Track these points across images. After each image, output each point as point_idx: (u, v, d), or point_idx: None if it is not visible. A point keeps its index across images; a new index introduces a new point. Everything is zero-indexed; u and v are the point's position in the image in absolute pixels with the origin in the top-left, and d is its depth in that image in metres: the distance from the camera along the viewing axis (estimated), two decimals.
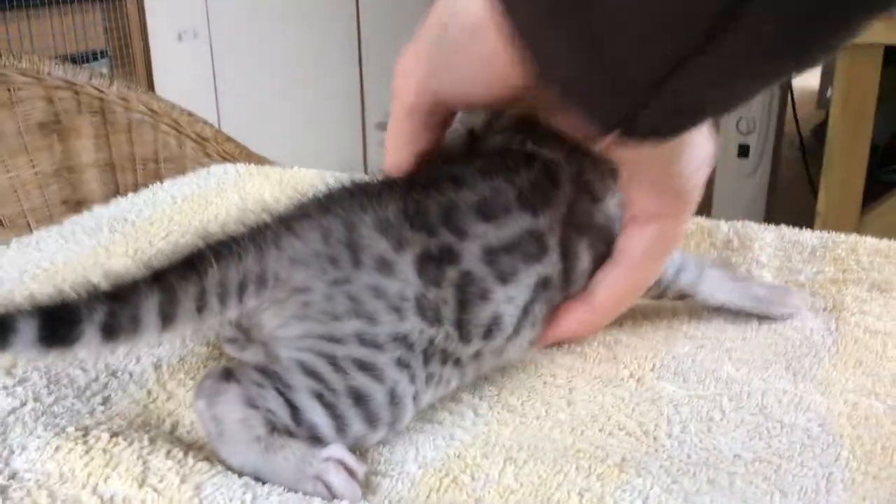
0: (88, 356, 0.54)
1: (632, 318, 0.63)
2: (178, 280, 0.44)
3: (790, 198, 2.48)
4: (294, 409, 0.45)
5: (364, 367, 0.46)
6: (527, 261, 0.51)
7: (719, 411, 0.55)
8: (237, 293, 0.46)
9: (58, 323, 0.43)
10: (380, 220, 0.47)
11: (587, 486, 0.46)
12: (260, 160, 1.22)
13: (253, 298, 0.46)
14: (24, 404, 0.50)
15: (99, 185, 1.36)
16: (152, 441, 0.46)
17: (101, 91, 1.31)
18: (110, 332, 0.43)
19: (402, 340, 0.47)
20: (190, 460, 0.44)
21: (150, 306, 0.44)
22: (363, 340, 0.46)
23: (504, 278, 0.50)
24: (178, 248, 0.46)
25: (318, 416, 0.46)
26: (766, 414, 0.55)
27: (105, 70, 1.72)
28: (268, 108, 2.04)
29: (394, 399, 0.47)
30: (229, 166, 0.91)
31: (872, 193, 1.80)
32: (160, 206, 0.80)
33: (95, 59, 1.71)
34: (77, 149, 1.33)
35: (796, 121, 2.52)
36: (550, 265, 0.52)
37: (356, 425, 0.46)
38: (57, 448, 0.45)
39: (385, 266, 0.47)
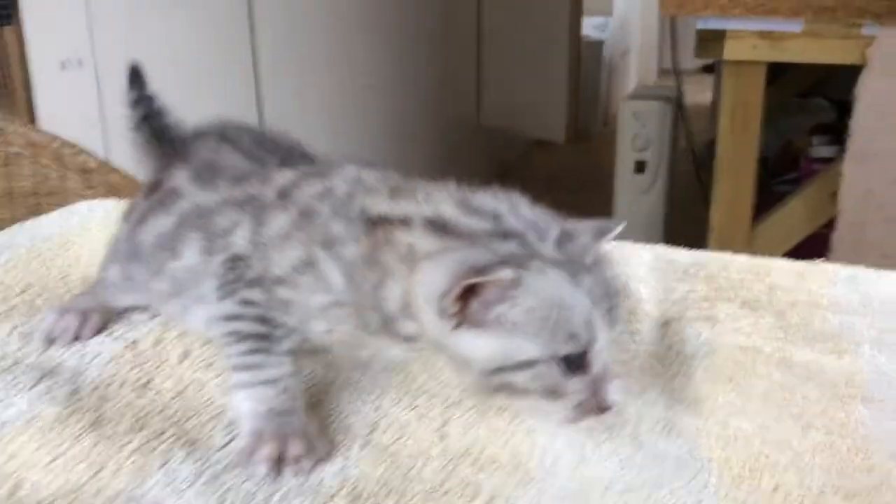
0: None
1: None
2: None
3: (687, 212, 2.53)
4: None
5: None
6: None
7: (593, 442, 0.54)
8: None
9: None
10: None
11: None
12: None
13: None
14: None
15: None
16: None
17: None
18: None
19: None
20: None
21: None
22: None
23: None
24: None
25: None
26: (638, 443, 0.54)
27: None
28: None
29: None
30: (95, 203, 0.87)
31: (766, 205, 1.84)
32: (17, 250, 0.75)
33: None
34: None
35: (688, 135, 2.57)
36: None
37: None
38: None
39: None
